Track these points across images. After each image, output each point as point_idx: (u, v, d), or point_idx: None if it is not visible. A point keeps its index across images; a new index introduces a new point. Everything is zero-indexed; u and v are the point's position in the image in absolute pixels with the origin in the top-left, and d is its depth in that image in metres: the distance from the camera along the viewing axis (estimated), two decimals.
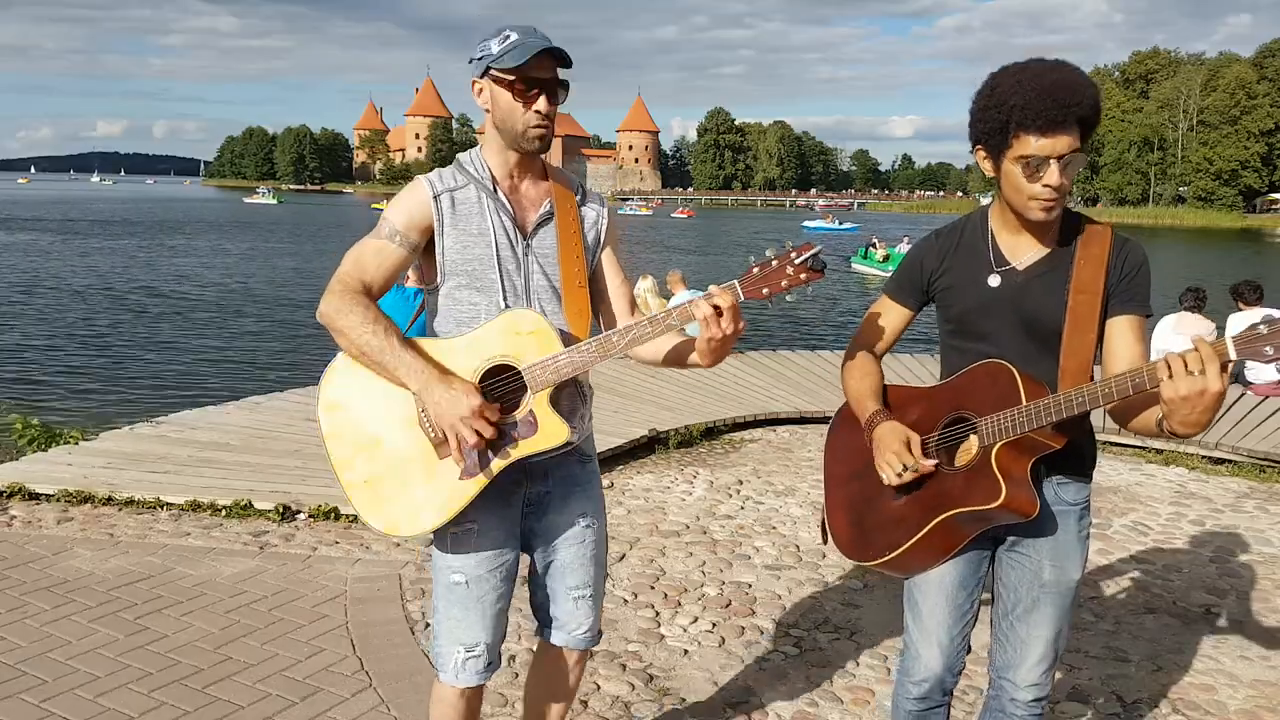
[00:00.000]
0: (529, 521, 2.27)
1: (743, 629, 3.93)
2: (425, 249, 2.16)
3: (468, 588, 2.19)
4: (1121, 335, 2.05)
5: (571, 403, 2.19)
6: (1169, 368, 1.73)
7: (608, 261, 2.30)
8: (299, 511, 5.04)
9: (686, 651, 3.72)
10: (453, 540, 2.18)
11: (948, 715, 2.37)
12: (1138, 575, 4.67)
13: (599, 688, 3.41)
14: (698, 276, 21.72)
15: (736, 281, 1.99)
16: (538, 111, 2.08)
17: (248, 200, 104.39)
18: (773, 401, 7.90)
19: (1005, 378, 2.02)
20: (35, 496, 5.12)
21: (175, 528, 4.80)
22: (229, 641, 3.59)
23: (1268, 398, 8.03)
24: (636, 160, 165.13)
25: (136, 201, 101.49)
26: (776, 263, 1.97)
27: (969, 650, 2.31)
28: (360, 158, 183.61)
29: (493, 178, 2.17)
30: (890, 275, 2.35)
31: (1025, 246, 2.12)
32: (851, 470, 2.32)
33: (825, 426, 2.50)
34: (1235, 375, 8.34)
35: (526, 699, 2.55)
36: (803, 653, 3.75)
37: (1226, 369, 1.72)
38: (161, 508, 5.04)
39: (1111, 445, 7.06)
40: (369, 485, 2.08)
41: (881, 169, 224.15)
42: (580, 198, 2.27)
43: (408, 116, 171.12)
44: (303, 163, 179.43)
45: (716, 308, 1.96)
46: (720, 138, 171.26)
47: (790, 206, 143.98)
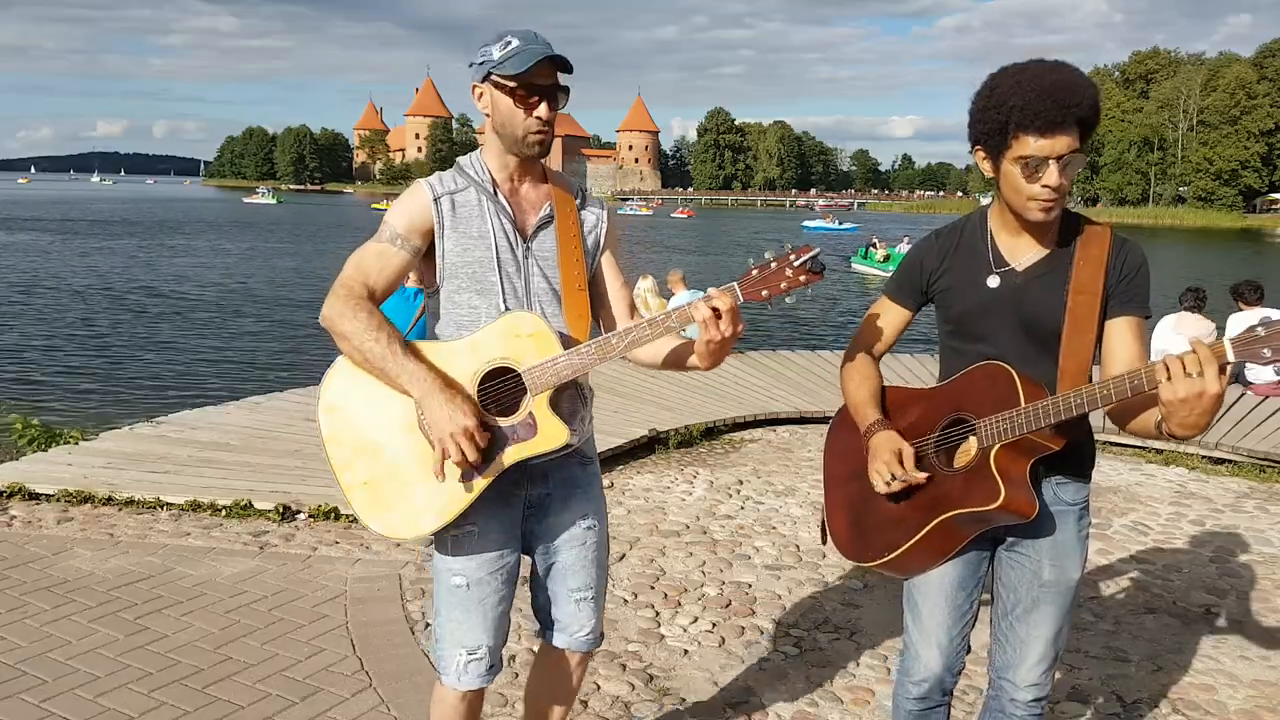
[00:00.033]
0: (530, 523, 2.27)
1: (743, 629, 3.94)
2: (426, 252, 2.16)
3: (469, 590, 2.19)
4: (1120, 336, 2.05)
5: (572, 405, 2.19)
6: (1167, 370, 1.73)
7: (607, 265, 2.31)
8: (299, 511, 5.05)
9: (686, 651, 3.72)
10: (453, 543, 2.18)
11: (948, 715, 2.37)
12: (1138, 575, 4.67)
13: (599, 688, 3.41)
14: (698, 276, 21.71)
15: (736, 284, 1.99)
16: (538, 118, 2.09)
17: (247, 200, 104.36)
18: (773, 401, 7.91)
19: (1004, 379, 2.02)
20: (35, 496, 5.12)
21: (175, 528, 4.80)
22: (229, 641, 3.60)
23: (1268, 398, 8.03)
24: (636, 160, 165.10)
25: (136, 201, 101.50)
26: (776, 265, 1.97)
27: (968, 650, 2.31)
28: (360, 158, 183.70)
29: (493, 181, 2.17)
30: (889, 276, 2.35)
31: (1024, 247, 2.12)
32: (851, 471, 2.32)
33: (825, 426, 2.51)
34: (1235, 375, 8.34)
35: (527, 700, 2.55)
36: (803, 653, 3.75)
37: (1225, 371, 1.72)
38: (161, 508, 5.04)
39: (1111, 445, 7.06)
40: (368, 487, 2.08)
41: (881, 169, 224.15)
42: (580, 201, 2.27)
43: (408, 116, 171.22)
44: (303, 163, 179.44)
45: (715, 310, 1.96)
46: (720, 138, 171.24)
47: (790, 206, 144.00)
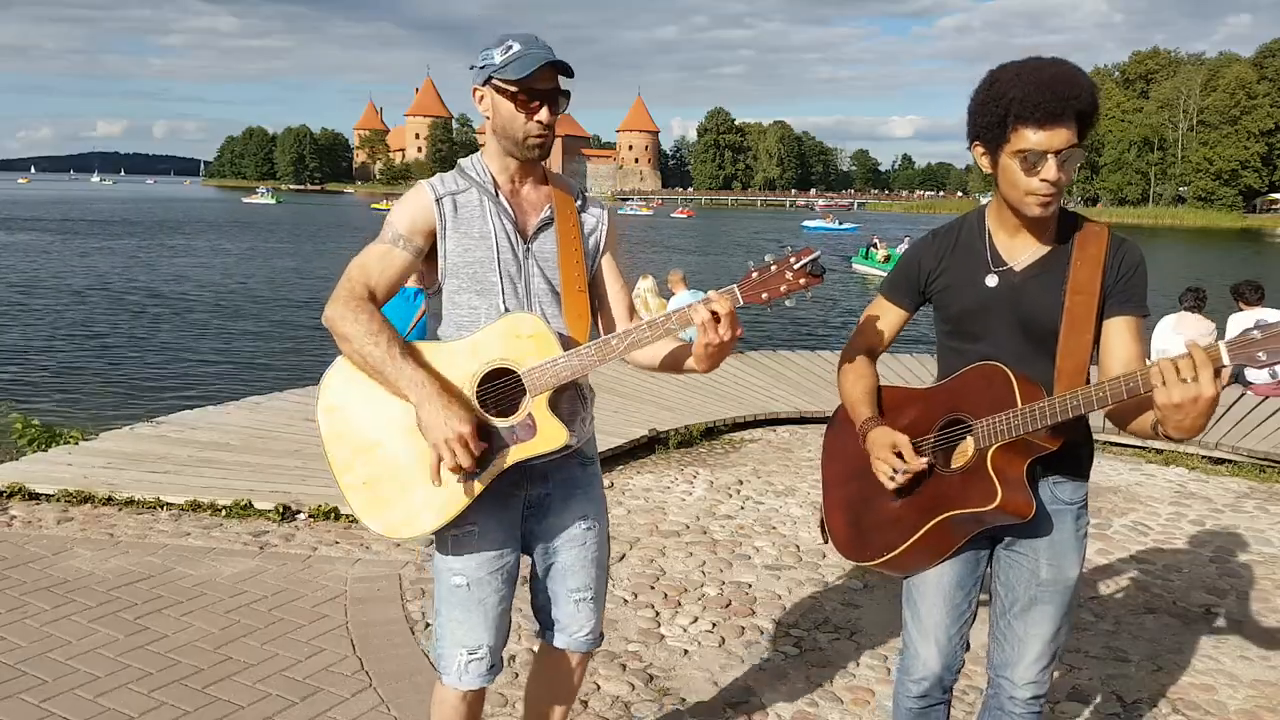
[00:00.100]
0: (529, 523, 2.27)
1: (743, 629, 3.94)
2: (428, 253, 2.16)
3: (469, 590, 2.19)
4: (1118, 335, 2.05)
5: (572, 405, 2.19)
6: (1162, 375, 1.73)
7: (607, 267, 2.31)
8: (299, 511, 5.05)
9: (686, 651, 3.73)
10: (453, 542, 2.18)
11: (948, 712, 2.38)
12: (1138, 575, 4.67)
13: (599, 688, 3.41)
14: (698, 277, 21.73)
15: (736, 286, 1.99)
16: (539, 122, 2.09)
17: (246, 200, 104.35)
18: (773, 401, 7.91)
19: (1000, 380, 2.02)
20: (35, 496, 5.12)
21: (175, 528, 4.80)
22: (229, 641, 3.60)
23: (1268, 398, 8.03)
24: (636, 160, 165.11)
25: (136, 201, 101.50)
26: (776, 268, 1.97)
27: (967, 648, 2.32)
28: (360, 158, 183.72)
29: (494, 182, 2.18)
30: (887, 276, 2.35)
31: (1022, 246, 2.12)
32: (849, 471, 2.33)
33: (825, 426, 2.51)
34: (1235, 375, 8.34)
35: (527, 700, 2.55)
36: (803, 653, 3.75)
37: (1220, 374, 1.72)
38: (161, 508, 5.04)
39: (1111, 445, 7.06)
40: (368, 487, 2.09)
41: (881, 169, 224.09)
42: (581, 203, 2.27)
43: (408, 116, 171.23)
44: (303, 163, 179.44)
45: (715, 314, 1.96)
46: (720, 138, 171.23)
47: (790, 206, 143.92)
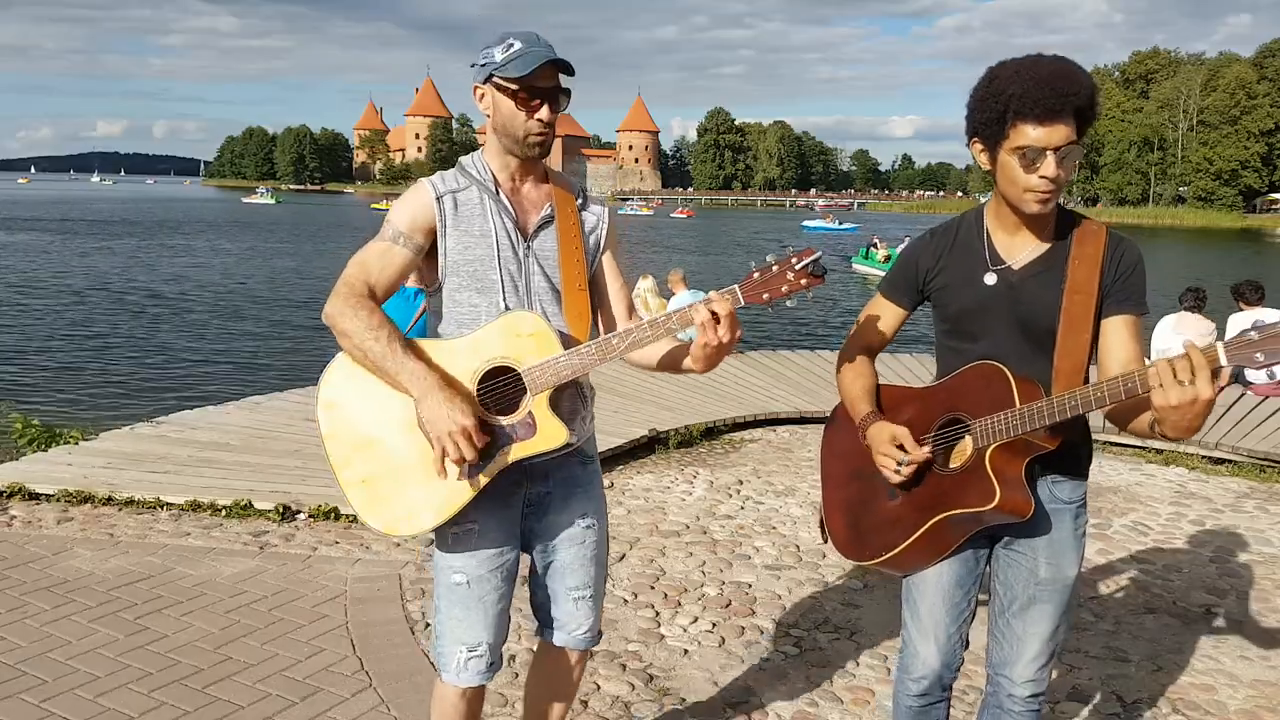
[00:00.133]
0: (529, 522, 2.27)
1: (743, 629, 3.94)
2: (428, 252, 2.16)
3: (469, 588, 2.19)
4: (1117, 335, 2.05)
5: (572, 404, 2.19)
6: (1159, 376, 1.73)
7: (608, 265, 2.31)
8: (299, 511, 5.05)
9: (686, 651, 3.73)
10: (453, 540, 2.19)
11: (948, 710, 2.38)
12: (1138, 575, 4.67)
13: (599, 688, 3.41)
14: (698, 276, 21.70)
15: (737, 286, 1.99)
16: (539, 120, 2.09)
17: (246, 200, 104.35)
18: (773, 401, 7.91)
19: (999, 380, 2.02)
20: (35, 496, 5.12)
21: (175, 528, 4.80)
22: (229, 641, 3.60)
23: (1267, 398, 8.03)
24: (636, 160, 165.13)
25: (136, 201, 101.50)
26: (777, 268, 1.96)
27: (966, 646, 2.32)
28: (360, 158, 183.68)
29: (494, 180, 2.18)
30: (885, 275, 2.35)
31: (1020, 245, 2.11)
32: (848, 470, 2.33)
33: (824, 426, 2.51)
34: (1235, 375, 8.34)
35: (527, 699, 2.55)
36: (803, 653, 3.75)
37: (1218, 375, 1.72)
38: (161, 508, 5.04)
39: (1111, 445, 7.06)
40: (366, 484, 2.09)
41: (881, 169, 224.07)
42: (581, 201, 2.27)
43: (408, 116, 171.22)
44: (303, 163, 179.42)
45: (715, 314, 1.96)
46: (720, 138, 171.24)
47: (790, 206, 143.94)
